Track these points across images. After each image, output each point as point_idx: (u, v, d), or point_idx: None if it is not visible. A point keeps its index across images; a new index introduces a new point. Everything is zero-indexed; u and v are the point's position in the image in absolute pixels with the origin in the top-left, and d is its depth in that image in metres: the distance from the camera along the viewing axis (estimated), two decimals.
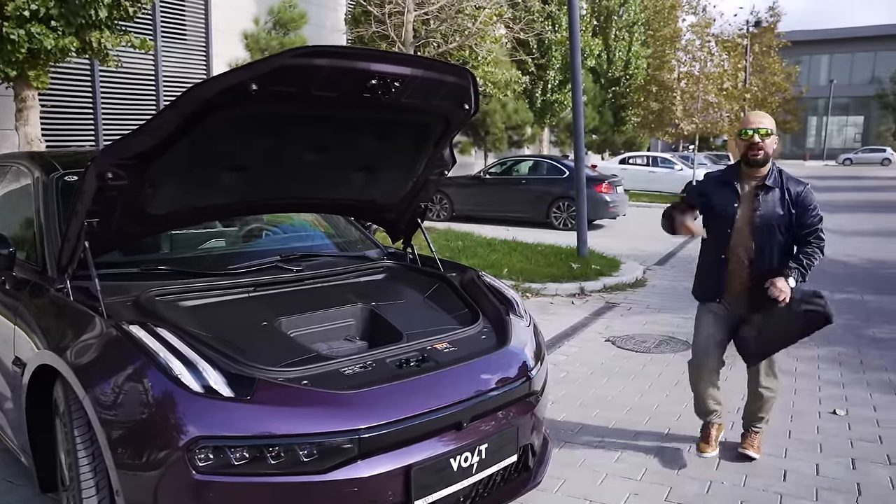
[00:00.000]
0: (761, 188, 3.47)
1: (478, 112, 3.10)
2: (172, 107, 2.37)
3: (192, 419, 2.15)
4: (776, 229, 3.45)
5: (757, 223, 3.45)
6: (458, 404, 2.52)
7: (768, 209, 3.44)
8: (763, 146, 3.41)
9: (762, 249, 3.47)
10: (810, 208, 3.46)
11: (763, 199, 3.46)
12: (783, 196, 3.44)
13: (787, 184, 3.47)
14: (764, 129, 3.40)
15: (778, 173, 3.48)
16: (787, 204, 3.43)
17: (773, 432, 4.11)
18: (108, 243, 2.77)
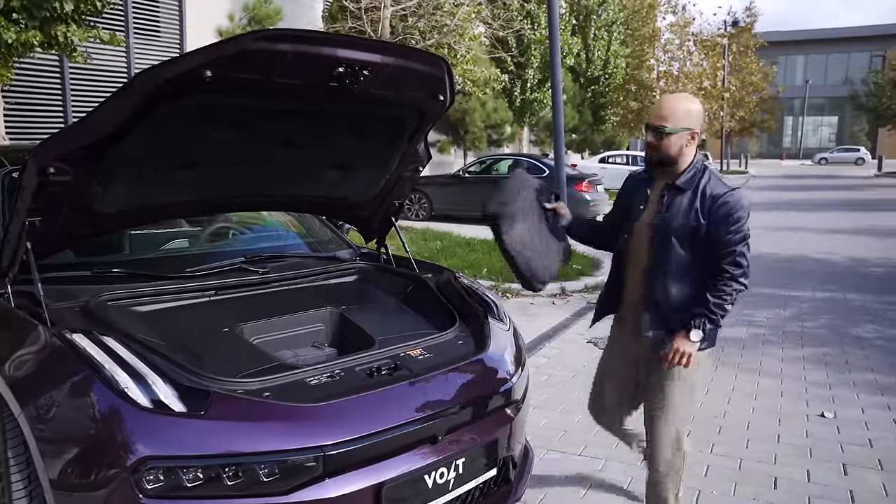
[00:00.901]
0: (670, 189, 2.69)
1: (453, 103, 2.92)
2: (118, 95, 2.16)
3: (140, 437, 1.95)
4: (677, 241, 2.62)
5: (656, 230, 2.69)
6: (433, 416, 2.34)
7: (671, 215, 2.65)
8: (658, 146, 2.63)
9: (658, 263, 2.69)
10: (729, 220, 2.56)
11: (669, 202, 2.67)
12: (693, 201, 2.61)
13: (704, 187, 2.62)
14: (660, 127, 2.61)
15: (696, 174, 2.65)
16: (696, 212, 2.60)
17: (762, 437, 3.99)
18: (53, 244, 2.55)
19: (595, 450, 3.81)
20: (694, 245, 2.62)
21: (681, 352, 2.62)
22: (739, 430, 4.12)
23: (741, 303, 7.49)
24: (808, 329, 6.49)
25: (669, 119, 2.61)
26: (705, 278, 2.62)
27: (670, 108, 2.62)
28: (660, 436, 2.76)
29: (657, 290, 2.69)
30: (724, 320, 2.66)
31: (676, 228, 2.63)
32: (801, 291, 8.22)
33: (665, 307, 2.69)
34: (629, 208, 2.85)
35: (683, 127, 2.61)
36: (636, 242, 2.78)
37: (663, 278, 2.67)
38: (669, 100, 2.66)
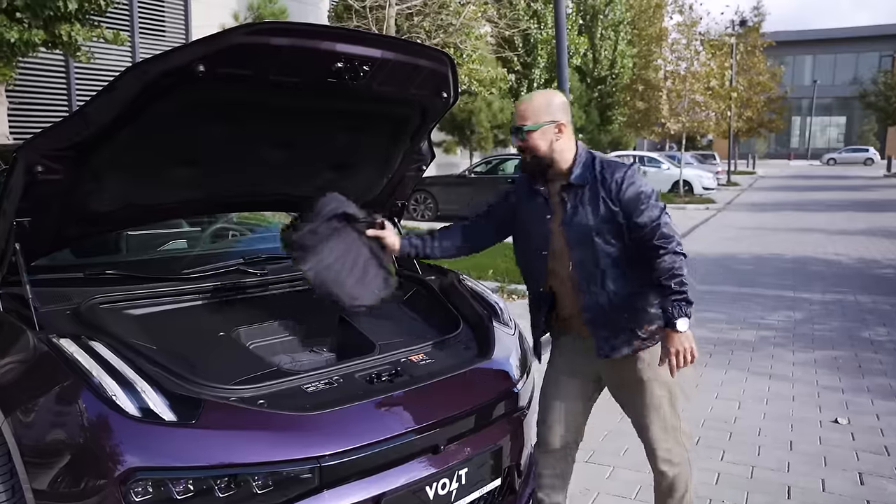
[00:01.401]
0: (567, 190, 2.44)
1: (457, 101, 2.83)
2: (109, 90, 2.08)
3: (128, 447, 1.86)
4: (601, 239, 2.39)
5: (570, 238, 2.44)
6: (435, 425, 2.25)
7: (581, 216, 2.41)
8: (527, 146, 2.44)
9: (588, 270, 2.42)
10: (640, 197, 2.37)
11: (573, 202, 2.43)
12: (597, 192, 2.40)
13: (602, 174, 2.41)
14: (519, 127, 2.44)
15: (587, 163, 2.45)
16: (603, 202, 2.39)
17: (774, 444, 3.88)
18: (44, 245, 2.47)
19: (603, 457, 3.71)
20: (620, 234, 2.40)
21: (681, 350, 2.33)
22: (751, 436, 4.01)
23: (749, 304, 7.44)
24: (818, 332, 6.37)
25: (528, 117, 2.43)
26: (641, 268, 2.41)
27: (527, 106, 2.45)
28: (657, 441, 2.55)
29: (600, 299, 2.44)
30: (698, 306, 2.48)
31: (593, 227, 2.40)
32: (810, 293, 8.10)
33: (615, 314, 2.44)
34: (528, 221, 2.57)
35: (544, 121, 2.42)
36: (554, 256, 2.51)
37: (602, 283, 2.42)
38: (526, 99, 2.48)
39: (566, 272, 2.48)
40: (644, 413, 2.55)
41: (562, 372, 2.64)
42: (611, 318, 2.45)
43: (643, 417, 2.56)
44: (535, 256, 2.55)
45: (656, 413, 2.54)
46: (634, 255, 2.41)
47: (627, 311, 2.45)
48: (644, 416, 2.55)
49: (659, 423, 2.54)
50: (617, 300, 2.44)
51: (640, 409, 2.56)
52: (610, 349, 2.47)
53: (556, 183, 2.49)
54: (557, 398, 2.63)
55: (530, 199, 2.56)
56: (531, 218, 2.55)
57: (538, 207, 2.53)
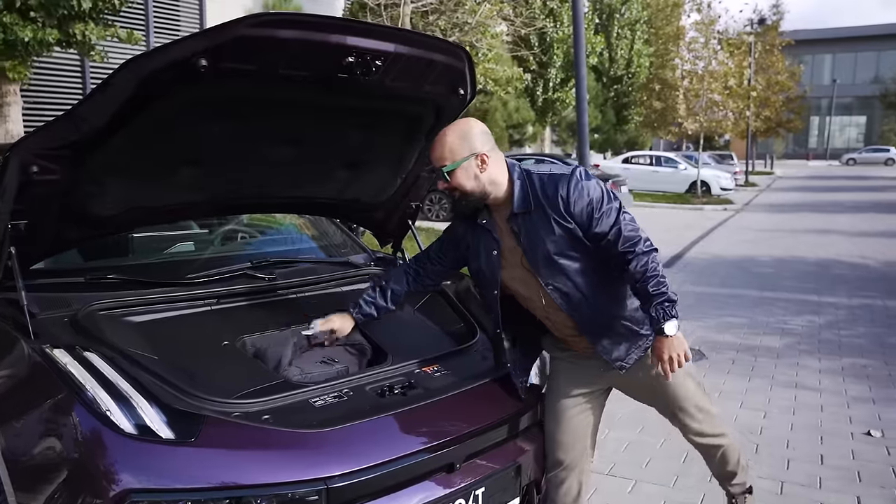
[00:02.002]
0: (514, 219, 2.27)
1: (474, 98, 2.69)
2: (104, 87, 1.96)
3: (123, 466, 1.74)
4: (565, 258, 2.23)
5: (535, 268, 2.27)
6: (451, 442, 2.11)
7: (537, 242, 2.24)
8: (455, 188, 2.26)
9: (567, 294, 2.27)
10: (592, 205, 2.19)
11: (525, 230, 2.26)
12: (546, 214, 2.22)
13: (544, 193, 2.23)
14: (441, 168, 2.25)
15: (525, 186, 2.26)
16: (555, 222, 2.21)
17: (804, 457, 3.71)
18: (41, 249, 2.36)
19: (624, 469, 3.56)
20: (581, 245, 2.23)
21: (672, 355, 2.20)
22: (779, 448, 3.85)
23: (772, 308, 7.25)
24: (845, 338, 6.17)
25: (445, 156, 2.24)
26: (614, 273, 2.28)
27: (440, 145, 2.26)
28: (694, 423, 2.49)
29: (588, 314, 2.30)
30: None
31: (552, 250, 2.23)
32: (834, 297, 7.89)
33: (610, 322, 2.32)
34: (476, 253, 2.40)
35: (462, 157, 2.22)
36: (524, 290, 2.35)
37: (583, 298, 2.28)
38: (438, 138, 2.29)
39: (543, 300, 2.33)
40: (671, 405, 2.48)
41: (568, 387, 2.48)
42: (608, 327, 2.33)
43: (671, 409, 2.49)
44: (488, 295, 2.43)
45: (684, 401, 2.46)
46: (605, 258, 2.26)
47: (621, 314, 2.34)
48: (672, 408, 2.48)
49: (691, 408, 2.47)
50: (606, 308, 2.32)
51: (666, 403, 2.48)
52: (623, 359, 2.34)
53: (499, 213, 2.33)
54: (567, 415, 2.48)
55: (478, 235, 2.39)
56: (479, 256, 2.39)
57: (485, 243, 2.37)
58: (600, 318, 2.32)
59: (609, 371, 2.40)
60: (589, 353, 2.40)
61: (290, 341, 2.58)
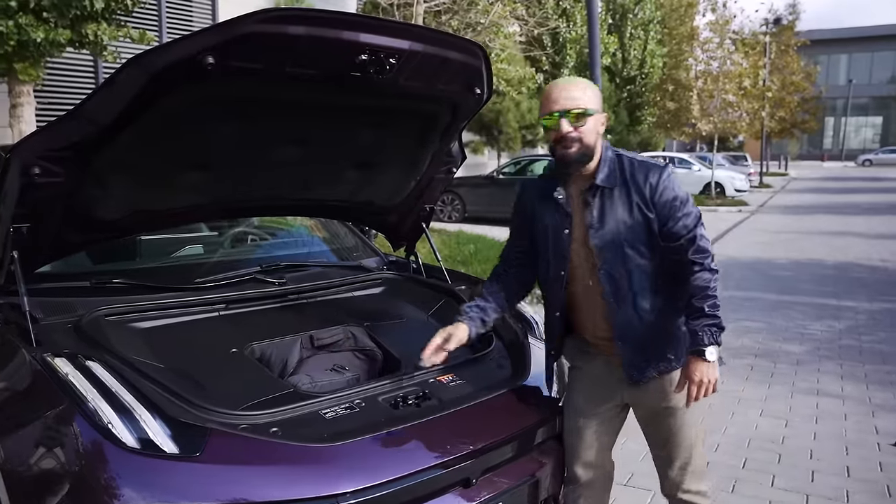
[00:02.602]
0: (592, 191, 2.15)
1: (491, 97, 2.60)
2: (108, 85, 1.88)
3: (125, 482, 1.66)
4: (633, 250, 2.13)
5: (597, 248, 2.14)
6: (467, 456, 2.02)
7: (610, 222, 2.13)
8: (578, 135, 2.09)
9: (618, 286, 2.15)
10: (676, 202, 2.12)
11: (598, 208, 2.14)
12: (629, 195, 2.13)
13: (633, 175, 2.14)
14: (576, 110, 2.07)
15: (614, 162, 2.16)
16: (637, 207, 2.12)
17: (829, 469, 3.60)
18: (44, 253, 2.30)
19: (642, 479, 3.46)
20: (652, 245, 2.14)
21: (706, 382, 2.09)
22: (802, 459, 3.73)
23: (790, 313, 7.11)
24: (867, 344, 6.03)
25: (587, 101, 2.10)
26: (671, 283, 2.18)
27: (582, 88, 2.12)
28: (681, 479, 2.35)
29: (629, 316, 2.18)
30: None
31: (624, 234, 2.12)
32: (854, 301, 7.73)
33: (645, 333, 2.19)
34: (544, 232, 2.25)
35: (598, 109, 2.13)
36: (577, 271, 2.22)
37: (632, 299, 2.16)
38: (572, 81, 2.15)
39: (592, 286, 2.21)
40: (671, 446, 2.32)
41: (588, 400, 2.36)
42: (641, 339, 2.20)
43: (670, 451, 2.33)
44: (552, 276, 2.27)
45: (684, 450, 2.32)
46: (665, 269, 2.17)
47: (657, 330, 2.20)
48: (671, 449, 2.32)
49: (685, 459, 2.32)
50: (647, 318, 2.19)
51: (667, 441, 2.32)
52: (639, 372, 2.22)
53: (576, 185, 2.20)
54: (588, 430, 2.36)
55: (546, 209, 2.25)
56: (546, 232, 2.25)
57: (555, 219, 2.23)
58: (637, 322, 2.19)
59: (624, 384, 2.28)
60: (612, 357, 2.27)
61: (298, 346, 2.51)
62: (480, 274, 8.42)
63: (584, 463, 2.38)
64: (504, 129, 18.44)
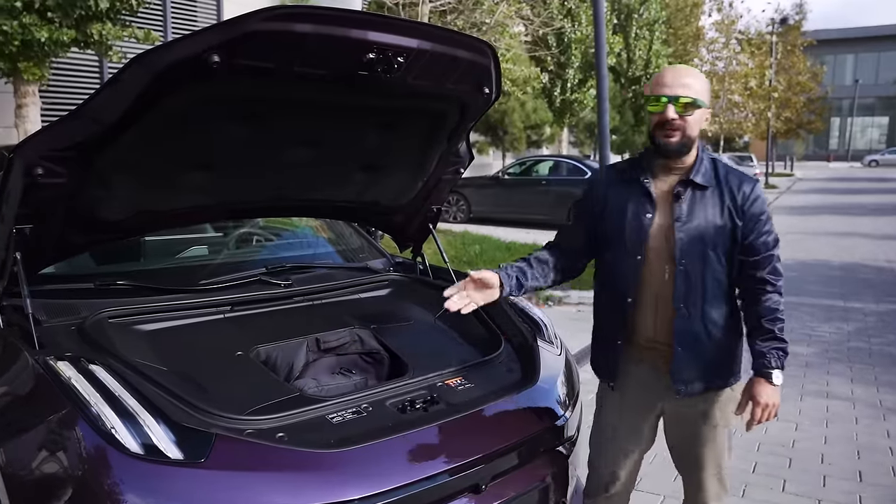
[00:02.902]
0: (685, 186, 2.09)
1: (500, 97, 2.56)
2: (112, 84, 1.85)
3: (128, 489, 1.63)
4: (714, 255, 2.07)
5: (681, 242, 2.06)
6: (476, 461, 1.99)
7: (698, 219, 2.06)
8: (683, 124, 2.02)
9: (692, 288, 2.08)
10: (762, 218, 2.09)
11: (688, 203, 2.08)
12: (722, 198, 2.08)
13: (727, 179, 2.09)
14: (685, 98, 2.00)
15: (711, 164, 2.12)
16: (728, 211, 2.06)
17: (841, 473, 3.55)
18: (48, 254, 2.27)
19: (653, 484, 3.41)
20: (732, 256, 2.09)
21: (769, 404, 2.07)
22: (813, 463, 3.69)
23: (797, 314, 7.05)
24: (876, 346, 5.98)
25: (694, 88, 2.01)
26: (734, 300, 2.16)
27: (682, 74, 2.03)
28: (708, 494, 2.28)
29: (695, 325, 2.10)
30: None
31: (711, 236, 2.06)
32: (862, 303, 7.67)
33: (706, 345, 2.11)
34: (621, 213, 2.14)
35: (707, 103, 2.06)
36: (651, 265, 2.11)
37: (702, 305, 2.08)
38: (678, 68, 2.08)
39: (662, 283, 2.11)
40: (701, 460, 2.25)
41: (625, 409, 2.27)
42: (700, 351, 2.12)
43: (698, 464, 2.26)
44: (625, 260, 2.14)
45: (714, 465, 2.25)
46: (736, 284, 2.15)
47: (718, 345, 2.13)
48: (700, 463, 2.26)
49: (715, 474, 2.26)
50: (712, 331, 2.11)
51: (698, 455, 2.26)
52: (687, 385, 2.14)
53: (667, 178, 2.12)
54: (619, 440, 2.29)
55: (626, 192, 2.15)
56: (624, 214, 2.14)
57: (637, 202, 2.12)
58: (701, 333, 2.11)
59: (664, 398, 2.20)
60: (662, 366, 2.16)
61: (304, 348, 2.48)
62: None
63: (613, 477, 2.33)
64: (509, 129, 18.41)
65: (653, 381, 2.20)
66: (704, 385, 2.16)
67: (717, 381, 2.17)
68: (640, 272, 2.12)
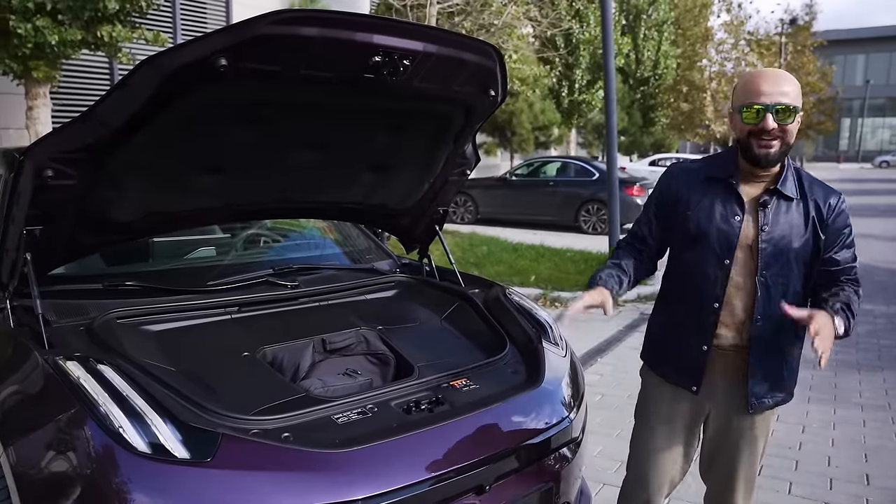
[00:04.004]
0: (773, 196, 2.04)
1: (505, 99, 2.58)
2: (121, 87, 1.88)
3: (136, 487, 1.65)
4: (794, 263, 2.04)
5: (764, 252, 2.02)
6: (480, 462, 2.00)
7: (783, 230, 2.02)
8: (784, 134, 1.96)
9: (769, 298, 2.03)
10: (846, 232, 2.07)
11: (775, 213, 2.03)
12: (807, 211, 2.04)
13: (812, 191, 2.06)
14: (785, 105, 1.91)
15: (797, 174, 2.08)
16: (812, 223, 2.03)
17: (848, 476, 3.54)
18: (58, 255, 2.30)
19: None
20: (812, 269, 2.07)
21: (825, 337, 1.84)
22: (819, 466, 3.68)
23: None
24: (886, 348, 5.96)
25: (792, 94, 1.93)
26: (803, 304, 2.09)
27: (781, 81, 1.94)
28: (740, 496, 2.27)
29: (771, 337, 2.06)
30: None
31: (795, 246, 2.02)
32: (873, 305, 7.63)
33: (778, 359, 2.10)
34: (709, 214, 2.07)
35: (800, 108, 1.98)
36: (736, 269, 2.06)
37: (779, 318, 1.99)
38: (781, 74, 1.97)
39: (743, 291, 2.06)
40: (736, 468, 2.23)
41: (674, 419, 2.22)
42: (772, 364, 2.10)
43: (734, 471, 2.24)
44: (712, 262, 2.06)
45: (750, 471, 2.24)
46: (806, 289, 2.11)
47: (787, 359, 2.12)
48: (734, 471, 2.24)
49: (748, 478, 2.25)
50: (784, 343, 2.09)
51: (736, 463, 2.23)
52: (759, 400, 2.11)
53: (752, 184, 2.06)
54: (666, 451, 2.24)
55: (710, 192, 2.08)
56: (712, 215, 2.06)
57: (725, 204, 2.06)
58: (775, 343, 2.08)
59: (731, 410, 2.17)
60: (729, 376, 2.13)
61: (310, 349, 2.49)
62: (493, 276, 8.39)
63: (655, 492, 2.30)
64: (517, 130, 18.42)
65: (730, 391, 2.15)
66: (772, 400, 2.14)
67: (781, 395, 2.15)
68: (729, 276, 2.06)
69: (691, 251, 2.12)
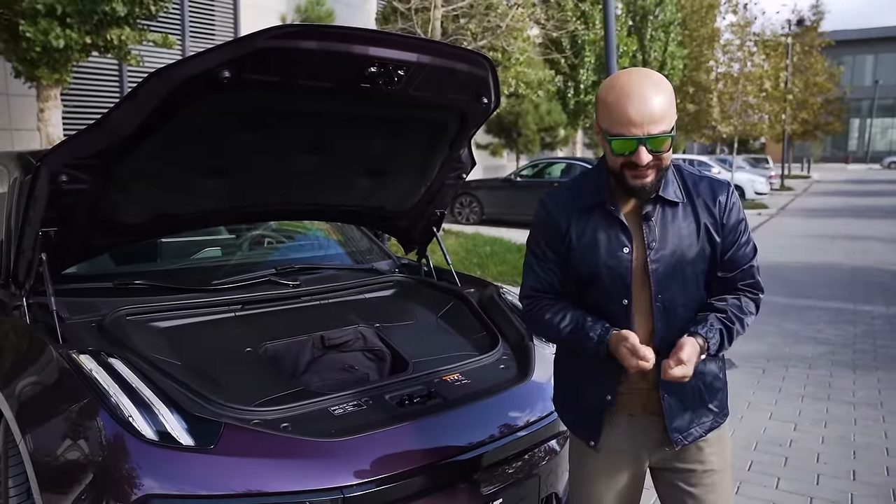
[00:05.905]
0: (657, 204, 1.74)
1: (499, 106, 2.69)
2: (131, 98, 2.01)
3: (143, 472, 1.78)
4: (695, 278, 1.78)
5: (655, 274, 1.73)
6: (470, 451, 2.12)
7: (672, 244, 1.74)
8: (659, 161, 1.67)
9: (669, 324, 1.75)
10: (740, 227, 1.80)
11: (662, 225, 1.75)
12: (696, 214, 1.76)
13: (699, 191, 1.78)
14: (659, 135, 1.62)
15: (677, 174, 1.79)
16: (704, 228, 1.76)
17: (835, 472, 3.63)
18: (71, 255, 2.43)
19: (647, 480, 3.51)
20: (710, 279, 1.80)
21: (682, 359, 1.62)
22: (808, 462, 3.77)
23: (805, 317, 7.11)
24: (882, 349, 6.03)
25: (667, 118, 1.63)
26: None
27: (660, 99, 1.62)
28: None
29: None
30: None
31: (689, 260, 1.75)
32: (872, 306, 7.70)
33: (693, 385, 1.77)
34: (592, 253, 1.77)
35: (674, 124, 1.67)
36: (636, 304, 1.76)
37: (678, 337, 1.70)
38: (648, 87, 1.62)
39: (643, 321, 1.76)
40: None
41: (612, 462, 1.88)
42: (686, 392, 1.79)
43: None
44: (609, 306, 1.77)
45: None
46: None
47: (704, 382, 1.82)
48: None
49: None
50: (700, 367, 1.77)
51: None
52: (684, 433, 1.80)
53: (629, 197, 1.76)
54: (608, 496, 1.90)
55: (591, 223, 1.78)
56: (597, 252, 1.76)
57: (608, 235, 1.76)
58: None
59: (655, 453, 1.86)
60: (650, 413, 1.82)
61: (310, 346, 2.61)
62: (496, 276, 8.49)
63: None
64: (523, 131, 18.51)
65: (643, 433, 1.85)
66: (701, 428, 1.83)
67: (708, 419, 1.84)
68: (630, 317, 1.76)
69: (587, 291, 1.82)
